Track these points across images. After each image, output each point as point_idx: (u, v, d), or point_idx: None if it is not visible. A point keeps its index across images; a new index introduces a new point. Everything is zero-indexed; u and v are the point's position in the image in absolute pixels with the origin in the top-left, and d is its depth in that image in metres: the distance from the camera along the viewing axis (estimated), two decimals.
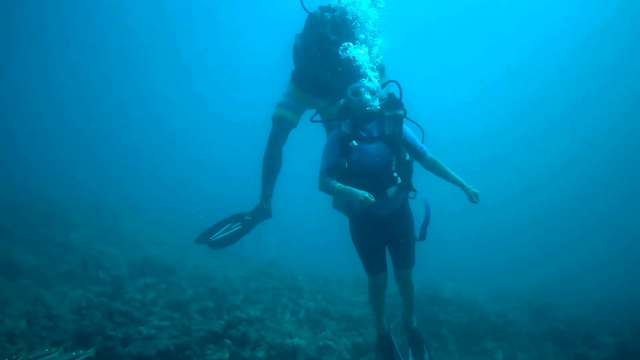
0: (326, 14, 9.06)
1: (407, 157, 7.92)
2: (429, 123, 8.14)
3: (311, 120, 8.45)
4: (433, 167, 7.90)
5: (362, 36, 8.67)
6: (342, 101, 8.08)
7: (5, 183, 29.60)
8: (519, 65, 61.10)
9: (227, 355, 9.74)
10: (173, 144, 62.16)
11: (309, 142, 10.39)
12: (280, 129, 9.77)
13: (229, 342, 10.13)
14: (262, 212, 10.17)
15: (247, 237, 21.71)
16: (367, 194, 7.16)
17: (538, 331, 15.24)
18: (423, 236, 8.21)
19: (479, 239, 31.78)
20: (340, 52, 8.30)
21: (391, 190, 7.74)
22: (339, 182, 7.60)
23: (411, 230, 8.27)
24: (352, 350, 11.83)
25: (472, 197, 7.55)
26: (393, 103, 7.88)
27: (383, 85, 8.09)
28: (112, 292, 13.27)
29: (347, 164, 7.66)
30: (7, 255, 15.77)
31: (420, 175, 8.02)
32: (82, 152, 49.31)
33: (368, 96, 7.60)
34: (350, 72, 8.16)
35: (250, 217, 10.13)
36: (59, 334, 10.36)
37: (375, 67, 8.16)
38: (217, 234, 10.04)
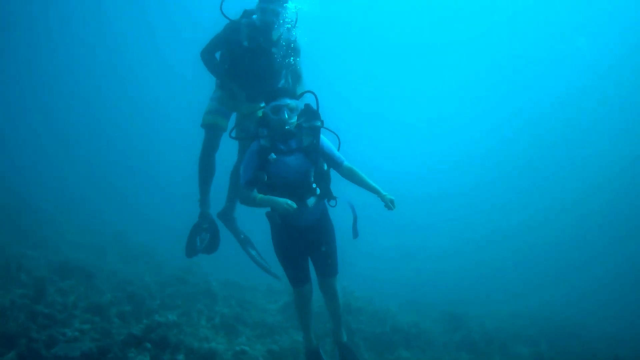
0: (243, 20, 9.40)
1: (325, 167, 8.09)
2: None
3: (230, 136, 8.64)
4: (350, 176, 8.05)
5: (275, 37, 9.20)
6: (259, 113, 8.26)
7: None
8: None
9: (148, 357, 9.85)
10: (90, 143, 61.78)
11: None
12: (213, 136, 10.03)
13: (149, 345, 10.18)
14: (204, 219, 10.45)
15: (161, 242, 21.68)
16: (288, 201, 7.37)
17: (452, 340, 15.46)
18: (355, 234, 8.40)
19: (395, 252, 32.10)
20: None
21: (311, 201, 7.91)
22: (260, 194, 7.79)
23: (332, 239, 8.49)
24: (267, 356, 11.96)
25: (388, 204, 7.68)
26: (310, 114, 8.04)
27: (299, 96, 8.26)
28: (34, 295, 13.27)
29: (266, 177, 7.80)
30: None
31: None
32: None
33: (287, 115, 7.74)
34: (268, 76, 8.46)
35: (206, 225, 10.49)
36: None
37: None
38: (199, 245, 10.53)
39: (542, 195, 46.10)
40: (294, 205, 7.43)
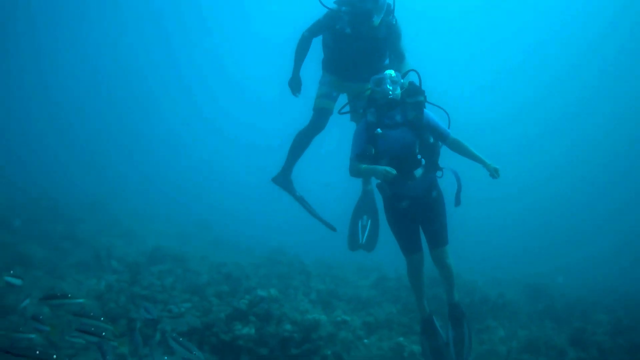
0: (342, 7, 9.55)
1: (431, 140, 8.37)
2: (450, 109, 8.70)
3: (339, 112, 9.12)
4: (457, 148, 8.43)
5: (376, 23, 9.27)
6: (367, 92, 8.67)
7: (3, 181, 29.98)
8: (539, 49, 61.15)
9: (254, 330, 10.21)
10: (165, 142, 62.38)
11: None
12: (321, 119, 10.23)
13: (253, 318, 10.60)
14: (282, 182, 10.72)
15: (246, 228, 21.92)
16: (388, 168, 7.79)
17: (535, 310, 15.75)
18: (457, 202, 8.70)
19: (485, 227, 32.09)
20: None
21: (418, 172, 8.27)
22: (364, 165, 8.24)
23: (442, 210, 8.86)
24: (363, 327, 12.32)
25: (493, 173, 8.05)
26: (414, 90, 8.37)
27: (403, 75, 8.59)
28: (130, 279, 13.72)
29: (373, 150, 8.21)
30: (16, 248, 16.24)
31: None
32: (76, 151, 49.52)
33: (390, 86, 8.12)
34: (371, 59, 8.82)
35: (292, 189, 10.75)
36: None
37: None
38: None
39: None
40: (393, 172, 7.82)
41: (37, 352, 5.21)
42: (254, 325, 10.39)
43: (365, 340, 11.39)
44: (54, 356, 5.27)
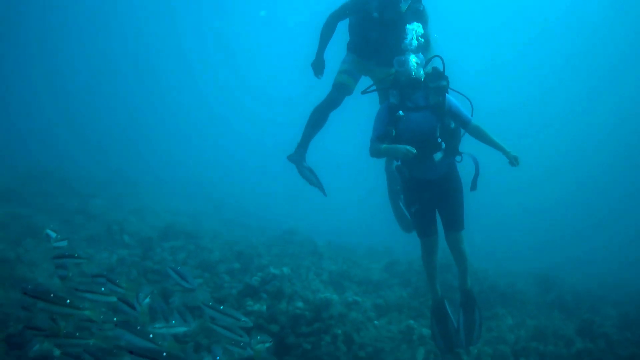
0: None
1: (452, 125, 8.52)
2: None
3: (362, 92, 9.20)
4: (477, 134, 8.51)
5: (403, 9, 9.27)
6: (390, 77, 8.79)
7: (20, 155, 30.18)
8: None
9: (265, 307, 10.29)
10: (181, 123, 62.70)
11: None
12: (339, 95, 10.22)
13: (265, 295, 10.70)
14: (296, 160, 10.70)
15: (259, 210, 22.06)
16: (408, 147, 7.94)
17: (545, 301, 15.80)
18: (474, 187, 8.75)
19: (498, 218, 32.13)
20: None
21: (437, 156, 8.40)
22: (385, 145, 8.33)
23: (460, 195, 8.95)
24: (374, 309, 12.41)
25: (513, 161, 8.13)
26: (437, 75, 8.48)
27: (428, 61, 8.74)
28: (142, 254, 13.79)
29: (394, 132, 8.34)
30: (28, 220, 16.37)
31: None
32: (92, 134, 49.79)
33: (413, 65, 8.22)
34: (397, 45, 8.85)
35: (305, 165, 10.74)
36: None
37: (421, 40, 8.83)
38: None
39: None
40: (414, 151, 7.96)
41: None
42: (265, 302, 10.46)
43: (376, 322, 11.44)
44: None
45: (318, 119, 10.50)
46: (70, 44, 62.96)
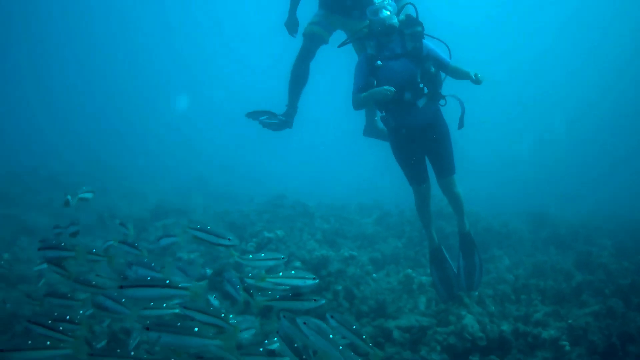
0: None
1: (432, 70, 8.46)
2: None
3: (338, 46, 9.18)
4: (457, 74, 8.50)
5: None
6: (364, 29, 8.73)
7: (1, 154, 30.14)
8: None
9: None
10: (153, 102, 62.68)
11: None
12: (311, 44, 10.31)
13: None
14: (284, 122, 10.73)
15: (244, 181, 21.99)
16: (386, 87, 7.97)
17: (540, 237, 15.87)
18: (461, 124, 8.80)
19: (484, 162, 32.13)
20: None
21: (421, 102, 8.39)
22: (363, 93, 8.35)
23: (448, 140, 8.95)
24: (371, 263, 12.43)
25: (474, 79, 8.19)
26: (411, 21, 8.50)
27: (400, 9, 8.82)
28: (135, 235, 13.79)
29: (375, 82, 8.30)
30: (20, 219, 16.36)
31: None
32: (73, 123, 49.75)
33: (386, 13, 8.21)
34: None
35: (283, 118, 10.72)
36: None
37: None
38: (263, 118, 10.67)
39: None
40: (392, 89, 7.97)
41: None
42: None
43: (374, 275, 11.46)
44: None
45: (298, 74, 10.52)
46: (52, 40, 62.72)
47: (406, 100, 8.37)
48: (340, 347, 5.17)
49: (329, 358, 5.09)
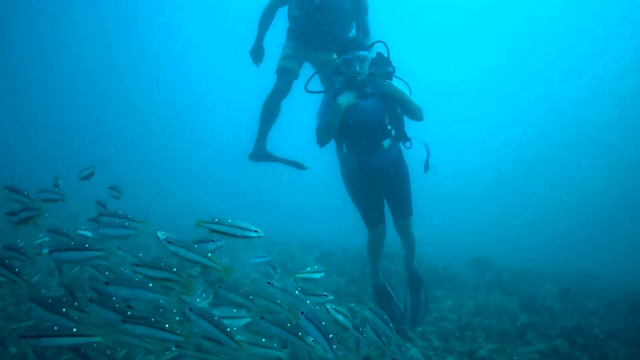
0: None
1: (399, 111, 8.52)
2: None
3: (305, 89, 9.05)
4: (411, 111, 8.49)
5: None
6: (333, 64, 8.76)
7: None
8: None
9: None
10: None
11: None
12: (285, 81, 10.21)
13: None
14: (257, 155, 10.56)
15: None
16: (346, 94, 8.11)
17: (483, 282, 15.75)
18: (426, 168, 8.94)
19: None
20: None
21: (386, 143, 8.44)
22: (336, 138, 8.52)
23: (407, 181, 8.99)
24: None
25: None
26: (382, 61, 8.57)
27: (370, 46, 8.71)
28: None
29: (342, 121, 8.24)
30: None
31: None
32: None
33: (358, 67, 8.13)
34: (337, 30, 8.87)
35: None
36: None
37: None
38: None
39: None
40: (355, 93, 8.13)
41: None
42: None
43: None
44: None
45: (270, 111, 10.45)
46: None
47: (372, 140, 8.44)
48: None
49: None
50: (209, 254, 5.49)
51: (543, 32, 57.24)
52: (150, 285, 5.08)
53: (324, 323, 5.03)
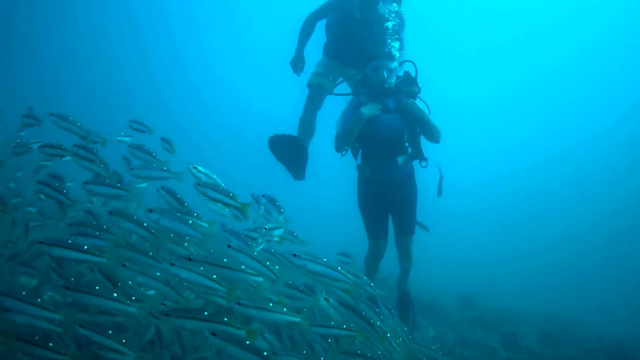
0: None
1: (418, 130, 8.71)
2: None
3: (332, 93, 9.27)
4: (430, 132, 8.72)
5: (381, 10, 9.37)
6: (359, 75, 9.05)
7: None
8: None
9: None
10: None
11: None
12: (315, 95, 10.37)
13: None
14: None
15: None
16: (371, 105, 8.33)
17: (466, 317, 15.81)
18: (440, 192, 9.14)
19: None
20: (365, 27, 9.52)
21: (401, 159, 8.62)
22: (352, 147, 8.75)
23: (414, 200, 9.16)
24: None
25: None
26: (409, 80, 8.70)
27: (400, 64, 8.88)
28: None
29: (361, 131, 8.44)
30: None
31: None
32: None
33: (386, 74, 8.39)
34: (375, 44, 8.95)
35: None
36: None
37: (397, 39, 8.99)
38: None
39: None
40: (379, 106, 8.33)
41: None
42: None
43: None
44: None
45: (307, 125, 10.61)
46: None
47: (389, 154, 8.63)
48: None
49: None
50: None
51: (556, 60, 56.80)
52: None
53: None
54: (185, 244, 5.79)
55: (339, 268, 5.89)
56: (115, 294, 5.13)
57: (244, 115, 57.55)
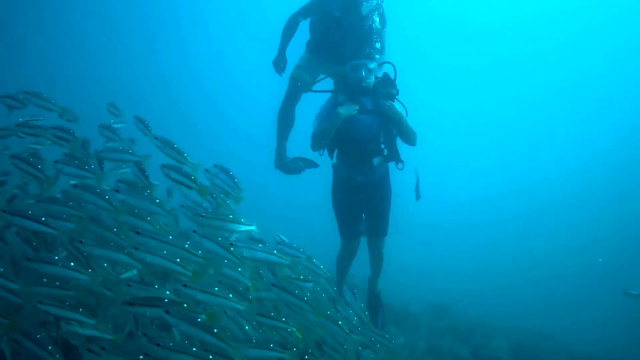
0: None
1: (394, 132, 8.68)
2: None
3: (311, 90, 9.44)
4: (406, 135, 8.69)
5: (364, 12, 9.36)
6: (340, 74, 8.99)
7: None
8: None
9: None
10: None
11: None
12: (295, 89, 10.29)
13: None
14: (283, 166, 10.50)
15: None
16: (347, 105, 8.31)
17: (438, 326, 15.83)
18: (418, 195, 9.22)
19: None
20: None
21: (377, 160, 8.62)
22: (328, 147, 8.69)
23: (388, 202, 9.13)
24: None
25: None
26: (387, 82, 8.68)
27: (380, 65, 8.95)
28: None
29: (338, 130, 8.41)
30: None
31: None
32: None
33: (364, 73, 8.41)
34: (356, 44, 9.08)
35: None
36: None
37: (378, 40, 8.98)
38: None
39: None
40: (356, 107, 8.30)
41: None
42: None
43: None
44: None
45: (286, 117, 10.52)
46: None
47: (364, 155, 8.63)
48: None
49: None
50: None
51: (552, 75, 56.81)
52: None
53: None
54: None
55: (274, 251, 5.89)
56: (72, 264, 5.07)
57: (253, 111, 57.67)
